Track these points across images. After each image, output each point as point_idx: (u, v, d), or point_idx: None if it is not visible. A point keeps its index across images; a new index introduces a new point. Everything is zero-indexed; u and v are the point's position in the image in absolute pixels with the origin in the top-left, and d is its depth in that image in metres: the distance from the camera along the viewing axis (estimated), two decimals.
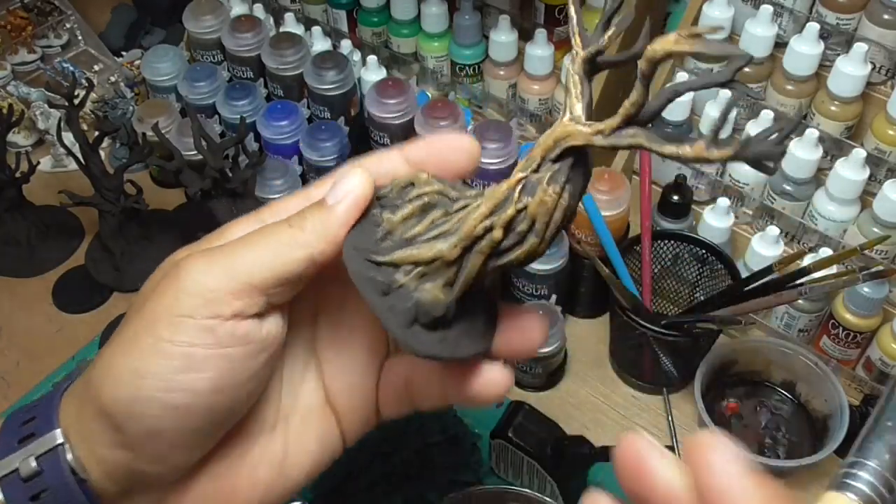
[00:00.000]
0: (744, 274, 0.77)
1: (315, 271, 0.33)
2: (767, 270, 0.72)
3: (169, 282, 0.32)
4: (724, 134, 0.29)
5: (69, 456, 0.33)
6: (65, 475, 0.32)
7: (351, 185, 0.33)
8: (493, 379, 0.35)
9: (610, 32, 0.29)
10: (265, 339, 0.33)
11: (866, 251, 0.69)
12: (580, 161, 0.30)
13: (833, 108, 0.78)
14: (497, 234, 0.31)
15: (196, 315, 0.31)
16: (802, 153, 0.76)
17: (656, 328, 0.73)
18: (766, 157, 0.26)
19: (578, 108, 0.30)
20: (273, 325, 0.34)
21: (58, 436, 0.33)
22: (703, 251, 0.79)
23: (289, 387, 0.37)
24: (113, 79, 1.05)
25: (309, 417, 0.37)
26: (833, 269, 0.71)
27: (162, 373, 0.31)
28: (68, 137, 0.86)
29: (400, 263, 0.32)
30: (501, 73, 0.96)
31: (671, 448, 0.77)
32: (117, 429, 0.32)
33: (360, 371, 0.37)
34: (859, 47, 0.73)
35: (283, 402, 0.37)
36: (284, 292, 0.33)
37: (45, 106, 1.01)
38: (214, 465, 0.35)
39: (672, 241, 0.80)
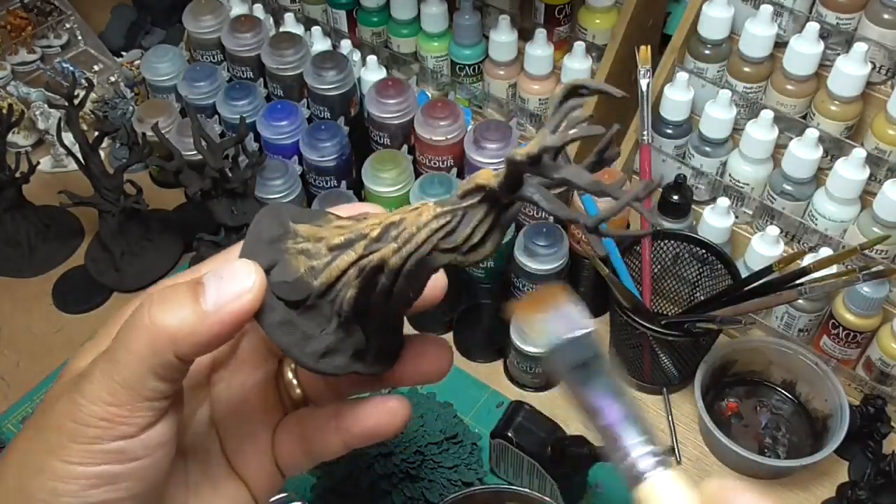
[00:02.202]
0: (744, 274, 0.77)
1: (196, 357, 0.32)
2: (767, 270, 0.72)
3: (64, 410, 0.31)
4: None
5: None
6: None
7: (238, 287, 0.31)
8: (390, 410, 0.35)
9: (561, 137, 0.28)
10: (175, 435, 0.33)
11: (866, 251, 0.69)
12: (498, 212, 0.30)
13: (833, 107, 0.78)
14: (374, 232, 0.31)
15: (103, 440, 0.31)
16: (802, 153, 0.76)
17: (656, 328, 0.73)
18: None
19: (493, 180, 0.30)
20: (178, 416, 0.33)
21: None
22: (703, 251, 0.79)
23: (194, 461, 0.37)
24: (113, 79, 1.05)
25: (218, 485, 0.37)
26: (833, 269, 0.71)
27: (76, 491, 0.31)
28: (68, 137, 0.86)
29: (296, 234, 0.33)
30: (501, 73, 0.96)
31: (672, 449, 0.77)
32: None
33: (255, 437, 0.38)
34: (859, 47, 0.73)
35: (192, 476, 0.37)
36: (175, 384, 0.32)
37: (45, 106, 1.01)
38: None
39: (672, 241, 0.80)
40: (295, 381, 0.38)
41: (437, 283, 0.36)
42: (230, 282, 0.31)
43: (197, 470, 0.37)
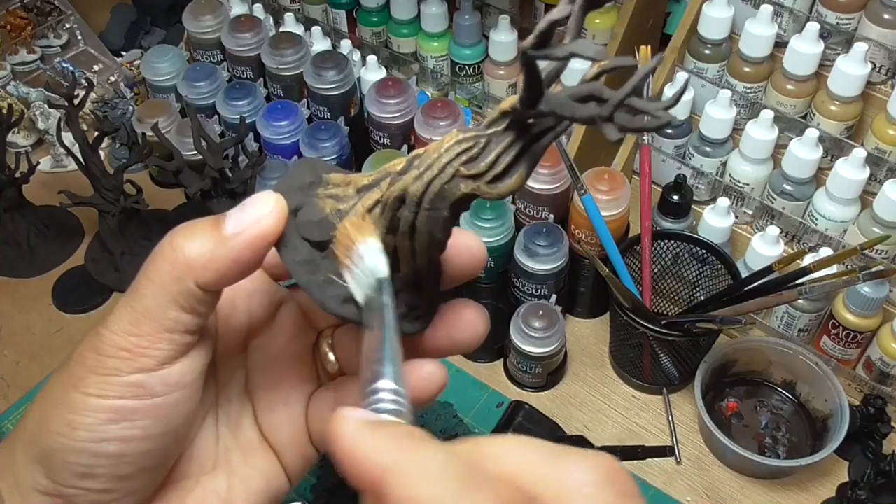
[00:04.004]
0: (744, 274, 0.77)
1: (222, 287, 0.32)
2: (767, 270, 0.72)
3: (88, 343, 0.32)
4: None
5: None
6: None
7: (257, 213, 0.31)
8: (427, 375, 0.34)
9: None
10: (199, 378, 0.33)
11: (866, 251, 0.69)
12: (525, 142, 0.29)
13: (833, 107, 0.78)
14: (399, 166, 0.30)
15: (122, 371, 0.31)
16: (802, 153, 0.76)
17: (656, 328, 0.73)
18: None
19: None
20: (201, 361, 0.33)
21: None
22: (703, 251, 0.79)
23: (226, 427, 0.37)
24: (113, 79, 1.05)
25: (250, 455, 0.37)
26: (833, 269, 0.71)
27: (92, 424, 0.31)
28: (68, 137, 0.86)
29: (328, 183, 0.33)
30: (501, 73, 0.96)
31: (672, 449, 0.77)
32: (50, 478, 0.32)
33: (289, 407, 0.37)
34: (859, 47, 0.73)
35: (222, 442, 0.37)
36: (197, 317, 0.32)
37: (45, 106, 1.01)
38: None
39: (672, 241, 0.80)
40: (331, 355, 0.38)
41: (474, 249, 0.35)
42: (250, 208, 0.31)
43: (228, 436, 0.37)
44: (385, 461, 0.24)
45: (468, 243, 0.35)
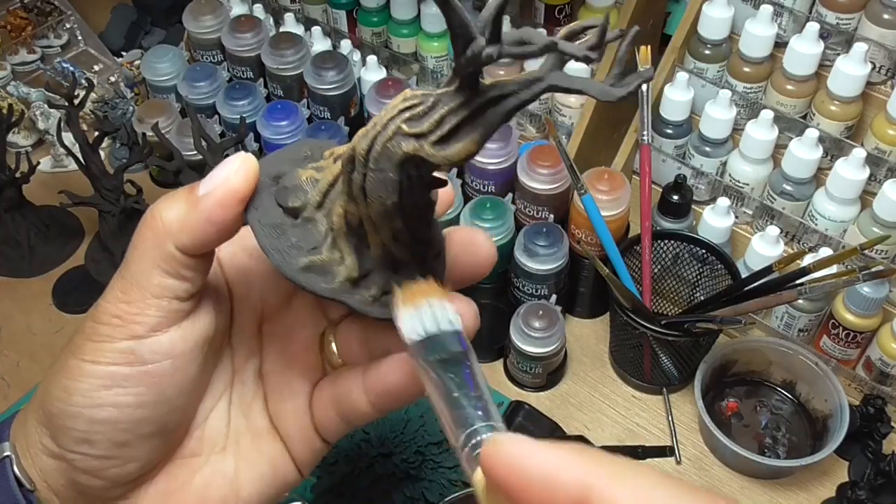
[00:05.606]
0: (744, 274, 0.77)
1: (204, 251, 0.32)
2: (767, 270, 0.72)
3: (89, 313, 0.33)
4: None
5: (16, 469, 0.34)
6: (11, 486, 0.34)
7: (226, 172, 0.31)
8: (413, 369, 0.34)
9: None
10: (194, 350, 0.33)
11: (866, 251, 0.69)
12: (477, 107, 0.28)
13: (833, 107, 0.78)
14: (364, 130, 0.29)
15: (113, 338, 0.32)
16: (802, 153, 0.76)
17: (656, 328, 0.73)
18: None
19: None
20: (194, 333, 0.33)
21: (5, 448, 0.34)
22: (703, 251, 0.79)
23: (238, 409, 0.37)
24: (113, 79, 1.05)
25: (259, 440, 0.37)
26: (833, 269, 0.71)
27: (87, 390, 0.32)
28: (68, 137, 0.86)
29: (322, 157, 0.33)
30: (501, 73, 0.96)
31: (671, 449, 0.77)
32: (52, 439, 0.33)
33: (296, 395, 0.38)
34: (859, 47, 0.73)
35: (234, 424, 0.37)
36: (183, 282, 0.32)
37: (45, 106, 1.01)
38: (163, 482, 0.35)
39: (672, 241, 0.80)
40: (334, 345, 0.38)
41: (482, 246, 0.35)
42: (220, 168, 0.32)
43: (240, 418, 0.37)
44: (591, 471, 0.22)
45: (475, 239, 0.35)
